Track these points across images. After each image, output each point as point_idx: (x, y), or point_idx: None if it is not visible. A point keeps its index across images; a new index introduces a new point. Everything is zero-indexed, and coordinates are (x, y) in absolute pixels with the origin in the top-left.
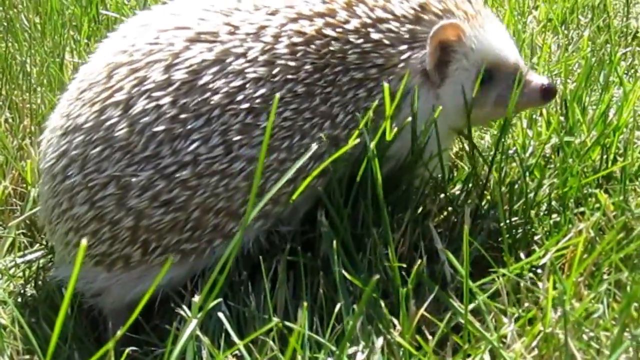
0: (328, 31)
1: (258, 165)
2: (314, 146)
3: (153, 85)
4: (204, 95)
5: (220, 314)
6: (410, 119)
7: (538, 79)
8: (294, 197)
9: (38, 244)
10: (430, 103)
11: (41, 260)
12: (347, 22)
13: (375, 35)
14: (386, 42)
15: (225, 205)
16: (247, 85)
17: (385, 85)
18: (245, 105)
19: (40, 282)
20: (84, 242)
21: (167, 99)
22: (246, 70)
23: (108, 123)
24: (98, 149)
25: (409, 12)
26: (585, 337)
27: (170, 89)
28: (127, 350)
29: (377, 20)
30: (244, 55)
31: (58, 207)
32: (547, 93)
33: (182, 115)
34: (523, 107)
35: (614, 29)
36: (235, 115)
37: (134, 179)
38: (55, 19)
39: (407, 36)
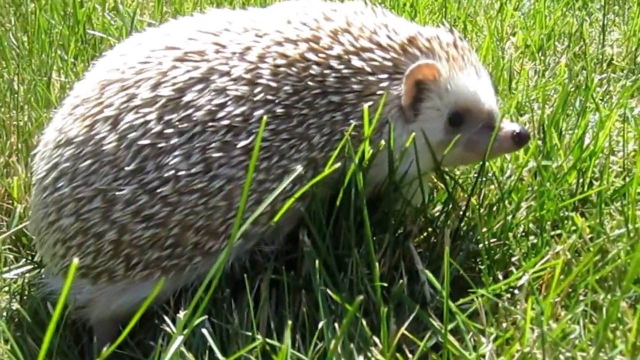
0: (310, 55)
1: (245, 188)
2: (299, 168)
3: (141, 102)
4: (187, 112)
5: (204, 331)
6: (383, 142)
7: (510, 126)
8: (275, 219)
9: (24, 259)
10: (405, 136)
11: (27, 275)
12: (330, 48)
13: (356, 63)
14: (367, 69)
15: (204, 224)
16: (229, 103)
17: (365, 106)
18: (226, 123)
19: (25, 297)
20: (76, 260)
21: (154, 115)
22: (228, 88)
23: (97, 137)
24: (87, 162)
25: (396, 43)
26: (562, 357)
27: (157, 105)
28: None
29: (360, 49)
30: (228, 73)
31: (47, 218)
32: (519, 139)
33: (167, 131)
34: (496, 154)
35: (589, 56)
36: (215, 133)
37: (118, 193)
38: (42, 38)
39: (389, 65)
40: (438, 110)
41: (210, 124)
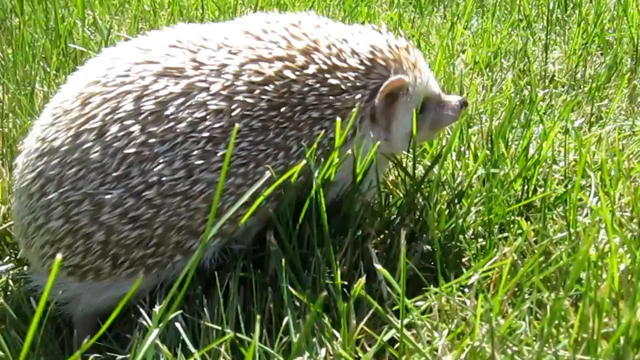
0: (288, 73)
1: (217, 189)
2: (267, 174)
3: (124, 114)
4: (169, 124)
5: (178, 325)
6: (350, 151)
7: (454, 98)
8: (245, 217)
9: (8, 257)
10: (378, 140)
11: (10, 272)
12: (305, 67)
13: (332, 81)
14: (342, 87)
15: (186, 224)
16: (208, 117)
17: (338, 120)
18: (206, 134)
19: (9, 292)
20: (59, 256)
21: (137, 127)
22: (208, 103)
23: (84, 146)
24: (74, 169)
25: (364, 58)
26: (509, 351)
27: (140, 117)
28: (91, 357)
29: (333, 67)
30: (207, 89)
31: (34, 222)
32: (464, 104)
33: (150, 141)
34: (450, 121)
35: (533, 73)
36: (197, 143)
37: (106, 197)
38: (26, 51)
39: (359, 84)
40: (409, 109)
41: (191, 134)
